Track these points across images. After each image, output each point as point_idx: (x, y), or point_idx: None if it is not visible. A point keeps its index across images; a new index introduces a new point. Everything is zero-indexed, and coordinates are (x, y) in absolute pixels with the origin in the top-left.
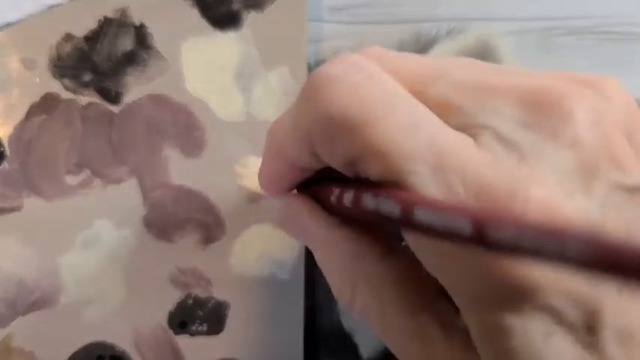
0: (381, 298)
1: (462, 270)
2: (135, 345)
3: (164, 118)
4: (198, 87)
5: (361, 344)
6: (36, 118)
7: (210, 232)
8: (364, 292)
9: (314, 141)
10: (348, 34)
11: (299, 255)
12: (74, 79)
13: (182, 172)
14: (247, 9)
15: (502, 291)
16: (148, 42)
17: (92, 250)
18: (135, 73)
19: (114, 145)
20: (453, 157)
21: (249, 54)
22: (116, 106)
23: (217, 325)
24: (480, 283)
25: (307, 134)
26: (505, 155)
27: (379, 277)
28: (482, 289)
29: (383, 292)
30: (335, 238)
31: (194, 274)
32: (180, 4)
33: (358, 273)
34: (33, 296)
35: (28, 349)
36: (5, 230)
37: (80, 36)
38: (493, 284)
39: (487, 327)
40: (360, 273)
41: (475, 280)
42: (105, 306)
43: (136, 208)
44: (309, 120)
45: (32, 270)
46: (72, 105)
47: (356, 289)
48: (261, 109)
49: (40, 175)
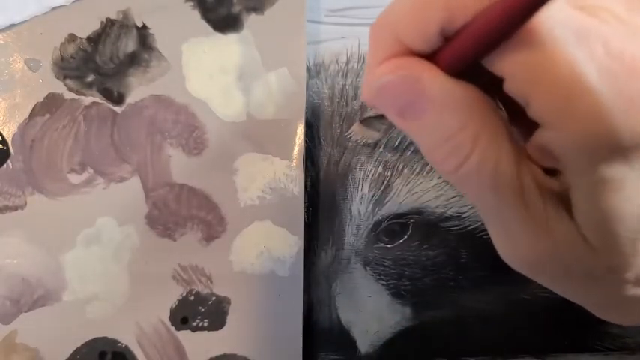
0: (500, 148)
1: (582, 122)
2: (137, 340)
3: (166, 118)
4: (199, 88)
5: (359, 339)
6: (39, 117)
7: (211, 229)
8: (485, 144)
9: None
10: (346, 36)
11: (298, 252)
12: (77, 80)
13: (183, 171)
14: (247, 11)
15: (619, 139)
16: (149, 43)
17: (95, 248)
18: (137, 74)
19: (116, 145)
20: (590, 24)
21: (249, 55)
22: (119, 106)
23: (218, 320)
24: (599, 130)
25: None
26: (622, 29)
27: (498, 127)
28: (599, 137)
29: (502, 141)
30: (458, 92)
31: (195, 271)
32: (181, 6)
33: (482, 123)
34: (36, 293)
35: (32, 345)
36: (9, 228)
37: (83, 37)
38: (613, 129)
39: (596, 179)
40: (484, 123)
41: (593, 127)
42: (107, 302)
43: (139, 206)
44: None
45: (36, 267)
46: (75, 105)
47: (478, 141)
48: (261, 109)
49: (44, 174)
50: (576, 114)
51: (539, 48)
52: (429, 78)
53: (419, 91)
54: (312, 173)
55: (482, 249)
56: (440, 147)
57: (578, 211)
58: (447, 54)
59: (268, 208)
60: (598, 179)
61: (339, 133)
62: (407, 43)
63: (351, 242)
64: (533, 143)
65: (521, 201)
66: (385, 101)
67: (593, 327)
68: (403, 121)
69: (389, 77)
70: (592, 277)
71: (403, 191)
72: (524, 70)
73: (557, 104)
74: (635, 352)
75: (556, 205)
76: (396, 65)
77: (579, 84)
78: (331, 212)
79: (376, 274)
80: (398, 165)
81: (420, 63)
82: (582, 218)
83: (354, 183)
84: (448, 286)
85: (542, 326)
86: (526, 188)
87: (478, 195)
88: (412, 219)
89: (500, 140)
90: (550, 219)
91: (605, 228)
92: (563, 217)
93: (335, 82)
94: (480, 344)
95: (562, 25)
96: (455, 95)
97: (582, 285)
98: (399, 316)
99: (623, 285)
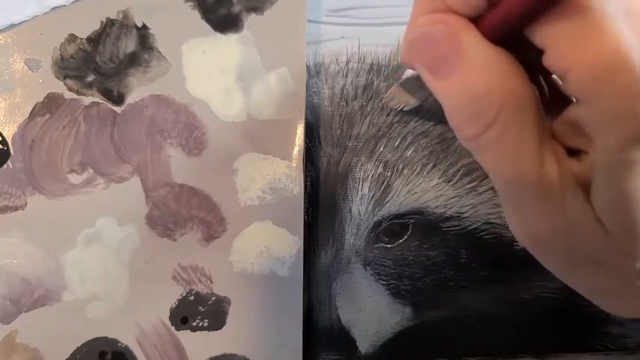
0: (524, 120)
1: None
2: (137, 340)
3: (166, 118)
4: (199, 88)
5: (359, 339)
6: (40, 117)
7: (211, 229)
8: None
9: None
10: (346, 36)
11: (298, 252)
12: (77, 80)
13: (183, 171)
14: (247, 11)
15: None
16: (149, 43)
17: (95, 248)
18: (137, 74)
19: (116, 145)
20: None
21: (249, 55)
22: (119, 106)
23: (218, 320)
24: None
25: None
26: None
27: (526, 99)
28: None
29: (527, 113)
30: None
31: (195, 271)
32: (181, 6)
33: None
34: (36, 293)
35: (32, 346)
36: (9, 228)
37: (83, 37)
38: None
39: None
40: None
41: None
42: (107, 302)
43: (139, 206)
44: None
45: (36, 267)
46: (75, 105)
47: (503, 109)
48: (261, 109)
49: (44, 174)
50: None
51: (585, 18)
52: (467, 36)
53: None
54: (312, 173)
55: (482, 249)
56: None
57: (596, 193)
58: (490, 19)
59: (268, 208)
60: (624, 159)
61: (339, 133)
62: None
63: (351, 242)
64: (563, 119)
65: (539, 174)
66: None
67: (593, 327)
68: (434, 78)
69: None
70: (602, 262)
71: (403, 191)
72: (567, 40)
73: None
74: (634, 352)
75: (574, 185)
76: (437, 19)
77: (622, 60)
78: (331, 212)
79: (376, 274)
80: (398, 165)
81: (460, 21)
82: (600, 200)
83: (354, 183)
84: (448, 286)
85: (542, 326)
86: (546, 162)
87: (497, 163)
88: (412, 219)
89: (526, 112)
90: (566, 197)
91: (622, 211)
92: (580, 198)
93: (335, 82)
94: (480, 344)
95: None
96: (489, 58)
97: (590, 269)
98: (399, 316)
99: (633, 274)
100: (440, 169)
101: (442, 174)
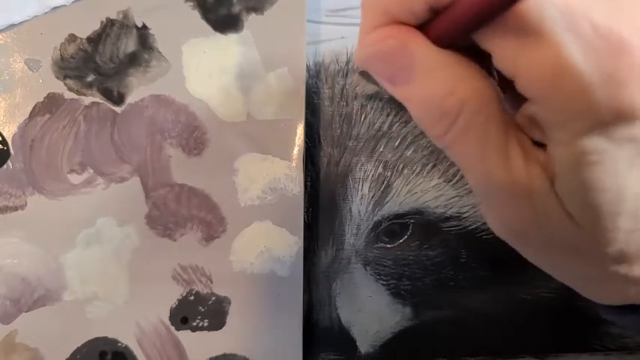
0: (487, 115)
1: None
2: (137, 340)
3: (166, 118)
4: (199, 88)
5: (359, 339)
6: (40, 117)
7: (211, 229)
8: (471, 110)
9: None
10: (346, 36)
11: (298, 252)
12: (77, 80)
13: (183, 171)
14: (247, 11)
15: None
16: (149, 43)
17: (95, 248)
18: (137, 74)
19: (116, 145)
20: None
21: (249, 55)
22: (119, 106)
23: (218, 320)
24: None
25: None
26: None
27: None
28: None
29: (489, 108)
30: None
31: (195, 271)
32: (181, 6)
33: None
34: (36, 293)
35: (32, 345)
36: (9, 228)
37: (83, 37)
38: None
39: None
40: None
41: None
42: (108, 302)
43: (139, 206)
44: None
45: (36, 267)
46: (75, 105)
47: (464, 107)
48: (261, 109)
49: (44, 174)
50: (560, 91)
51: (525, 26)
52: (417, 45)
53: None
54: (312, 173)
55: (482, 249)
56: (428, 112)
57: (560, 184)
58: (435, 28)
59: (268, 208)
60: (579, 151)
61: (339, 133)
62: (395, 16)
63: (351, 242)
64: (521, 114)
65: (506, 166)
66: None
67: (593, 327)
68: (393, 87)
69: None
70: (576, 251)
71: (403, 191)
72: (511, 48)
73: (542, 82)
74: (634, 352)
75: (540, 175)
76: (385, 33)
77: (564, 62)
78: (331, 212)
79: (376, 274)
80: (398, 165)
81: (408, 31)
82: (564, 191)
83: (354, 183)
84: (448, 286)
85: (542, 326)
86: (511, 153)
87: (466, 159)
88: (412, 219)
89: (488, 107)
90: (533, 187)
91: (585, 201)
92: (546, 188)
93: (335, 82)
94: (480, 344)
95: (549, 3)
96: (442, 61)
97: (566, 259)
98: (399, 316)
99: (605, 261)
100: (440, 169)
101: (442, 174)
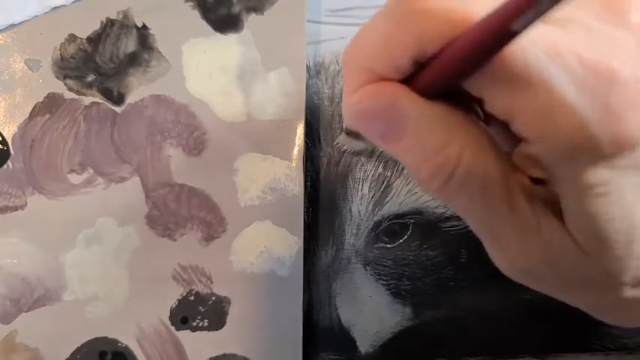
0: (485, 159)
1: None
2: (137, 340)
3: (166, 118)
4: (199, 88)
5: (359, 339)
6: (40, 117)
7: (211, 229)
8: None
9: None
10: (346, 36)
11: (298, 252)
12: (77, 80)
13: (183, 171)
14: (247, 11)
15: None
16: (149, 43)
17: (95, 248)
18: (137, 74)
19: (116, 145)
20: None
21: (249, 55)
22: (119, 106)
23: (218, 320)
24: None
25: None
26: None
27: (482, 141)
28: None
29: (487, 153)
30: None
31: (195, 271)
32: (181, 6)
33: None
34: (36, 293)
35: (32, 345)
36: (9, 228)
37: (83, 37)
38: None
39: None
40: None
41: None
42: (108, 302)
43: (139, 206)
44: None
45: (36, 267)
46: (75, 105)
47: (462, 155)
48: (261, 109)
49: (44, 174)
50: (556, 129)
51: (513, 70)
52: (405, 100)
53: (396, 115)
54: (312, 173)
55: (482, 249)
56: (424, 166)
57: (568, 218)
58: (421, 80)
59: (268, 208)
60: (584, 185)
61: (339, 133)
62: (379, 72)
63: (351, 242)
64: (518, 154)
65: (511, 208)
66: (365, 127)
67: (593, 327)
68: (385, 144)
69: (364, 104)
70: (589, 282)
71: (403, 191)
72: (503, 94)
73: (539, 123)
74: (634, 352)
75: (545, 211)
76: (370, 92)
77: (558, 102)
78: (331, 212)
79: (376, 274)
80: (398, 165)
81: (394, 87)
82: (573, 224)
83: (354, 183)
84: (448, 286)
85: (542, 326)
86: (514, 195)
87: (468, 208)
88: (412, 219)
89: (485, 152)
90: (540, 225)
91: (595, 232)
92: (554, 223)
93: (335, 82)
94: (480, 344)
95: (534, 43)
96: (432, 114)
97: (580, 290)
98: (399, 316)
99: (621, 288)
100: None
101: None
